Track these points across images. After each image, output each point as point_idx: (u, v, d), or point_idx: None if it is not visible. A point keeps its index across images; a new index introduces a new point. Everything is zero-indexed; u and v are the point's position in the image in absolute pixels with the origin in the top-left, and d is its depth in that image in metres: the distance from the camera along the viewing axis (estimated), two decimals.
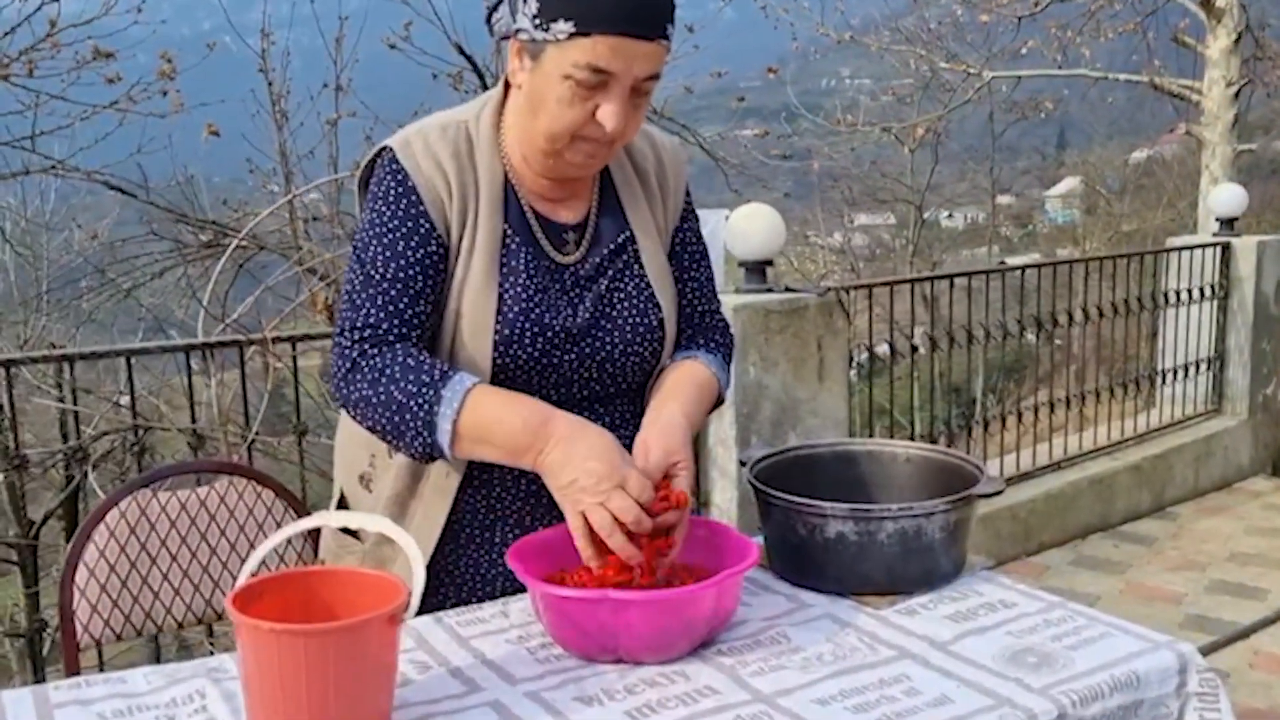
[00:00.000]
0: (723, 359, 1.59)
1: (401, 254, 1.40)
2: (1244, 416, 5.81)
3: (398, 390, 1.34)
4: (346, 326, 1.40)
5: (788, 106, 14.59)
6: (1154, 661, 1.25)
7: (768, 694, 1.20)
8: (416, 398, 1.33)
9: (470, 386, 1.34)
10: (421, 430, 1.34)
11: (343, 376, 1.39)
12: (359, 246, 1.43)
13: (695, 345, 1.59)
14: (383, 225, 1.41)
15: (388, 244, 1.40)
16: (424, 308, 1.42)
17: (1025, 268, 5.05)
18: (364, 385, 1.36)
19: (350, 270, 1.44)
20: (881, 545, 1.42)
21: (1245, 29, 10.31)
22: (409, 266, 1.40)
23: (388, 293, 1.40)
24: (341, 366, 1.39)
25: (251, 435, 2.75)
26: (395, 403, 1.34)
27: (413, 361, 1.35)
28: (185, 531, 1.82)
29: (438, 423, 1.33)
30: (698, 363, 1.54)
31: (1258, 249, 5.75)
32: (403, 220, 1.41)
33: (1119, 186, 20.70)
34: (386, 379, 1.35)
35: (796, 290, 3.59)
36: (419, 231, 1.41)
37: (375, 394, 1.35)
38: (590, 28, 1.30)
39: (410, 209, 1.41)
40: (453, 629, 1.38)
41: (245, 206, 5.21)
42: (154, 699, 1.20)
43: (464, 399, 1.33)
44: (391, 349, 1.37)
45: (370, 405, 1.36)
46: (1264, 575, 4.33)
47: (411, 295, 1.40)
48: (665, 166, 1.56)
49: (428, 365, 1.35)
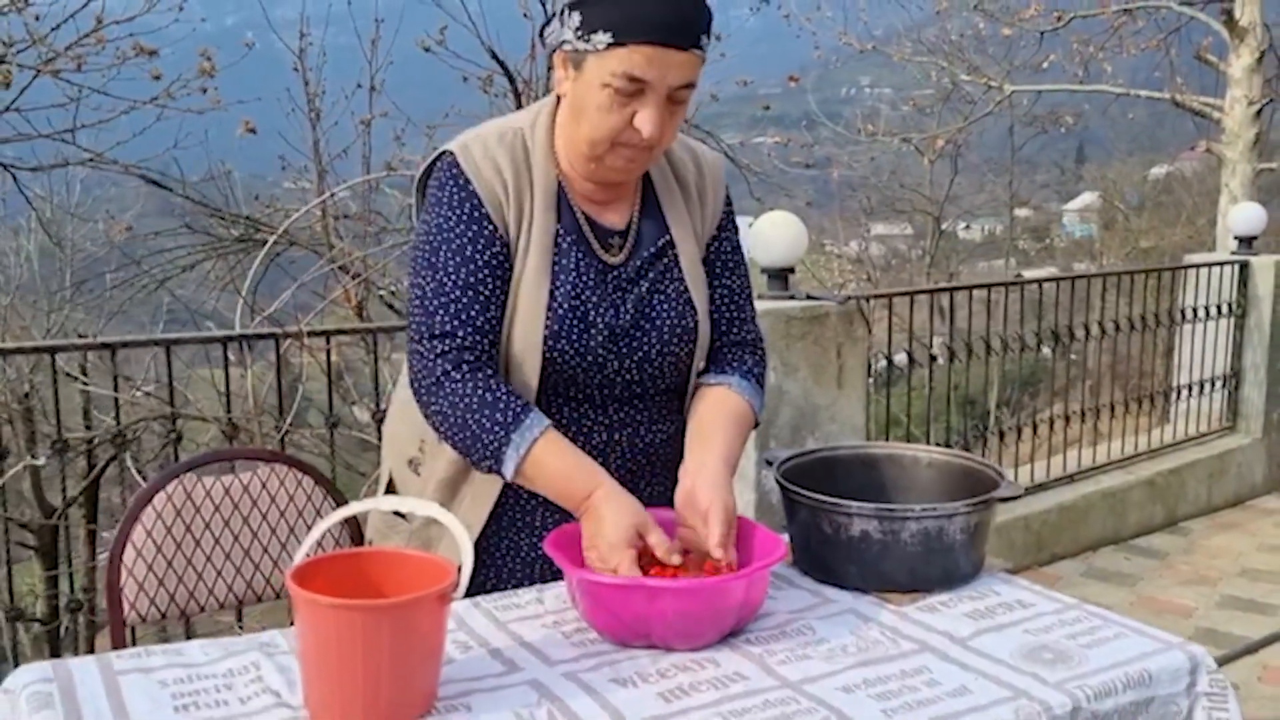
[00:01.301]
0: (756, 383, 1.63)
1: (471, 258, 1.47)
2: (1258, 435, 5.83)
3: (473, 421, 1.43)
4: (425, 334, 1.47)
5: (808, 114, 14.64)
6: (1166, 661, 1.31)
7: (794, 681, 1.25)
8: (489, 433, 1.42)
9: (537, 436, 1.42)
10: (488, 459, 1.44)
11: (426, 389, 1.47)
12: (426, 249, 1.49)
13: (729, 367, 1.62)
14: (450, 229, 1.48)
15: (456, 249, 1.47)
16: (494, 313, 1.49)
17: (1042, 281, 5.09)
18: (445, 405, 1.45)
19: (418, 273, 1.49)
20: (904, 545, 1.48)
21: (1268, 48, 10.31)
22: (478, 270, 1.47)
23: (459, 299, 1.46)
24: (425, 379, 1.47)
25: (286, 425, 2.82)
26: (469, 431, 1.44)
27: (490, 396, 1.44)
28: (228, 516, 1.89)
29: (504, 460, 1.43)
30: (731, 391, 1.59)
31: (1276, 268, 5.77)
32: (468, 224, 1.48)
33: (1138, 202, 20.68)
34: (464, 407, 1.44)
35: (818, 298, 3.64)
36: (484, 234, 1.48)
37: (454, 415, 1.44)
38: (627, 38, 1.37)
39: (474, 212, 1.48)
40: (491, 613, 1.44)
41: (275, 202, 5.29)
42: (211, 669, 1.26)
43: (530, 448, 1.42)
44: (474, 374, 1.45)
45: (448, 423, 1.46)
46: (1275, 592, 4.36)
47: (483, 301, 1.47)
48: (705, 176, 1.62)
49: (504, 403, 1.43)
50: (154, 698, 1.19)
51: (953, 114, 14.14)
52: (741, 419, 1.57)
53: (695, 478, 1.46)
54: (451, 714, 1.17)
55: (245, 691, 1.21)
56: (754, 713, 1.18)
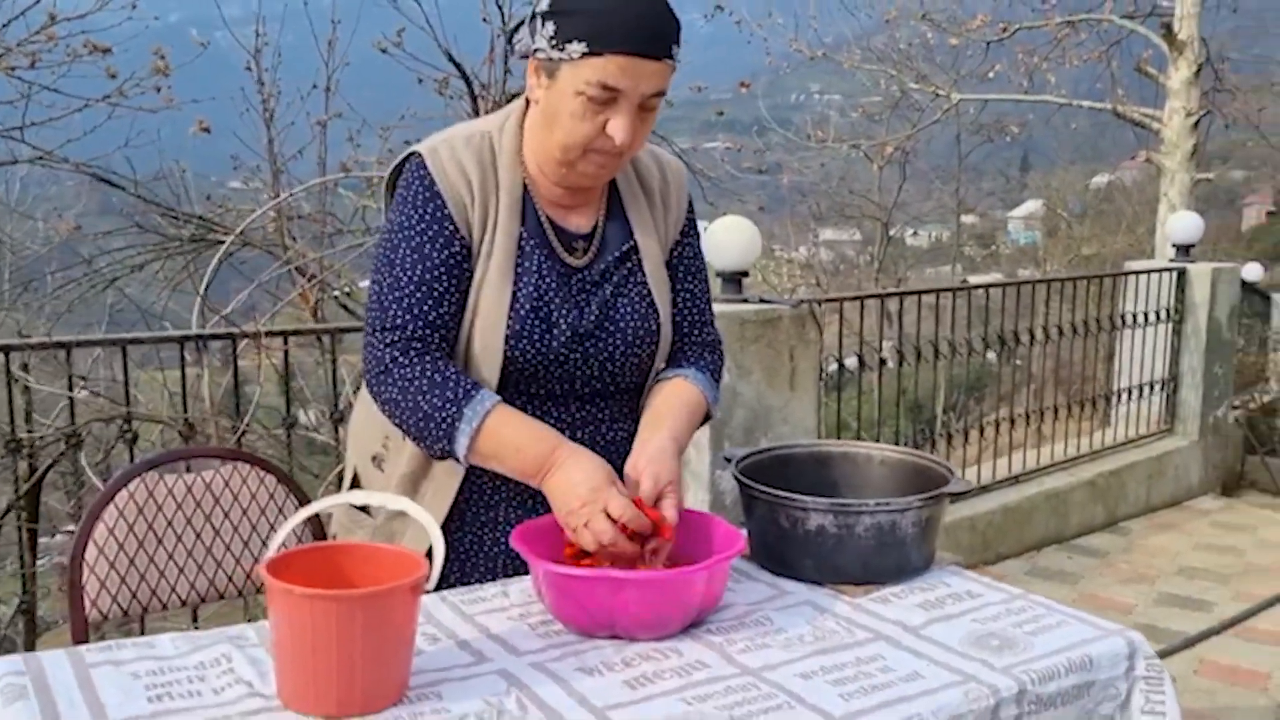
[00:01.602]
0: (711, 377, 1.68)
1: (428, 256, 1.51)
2: (1195, 437, 6.01)
3: (424, 401, 1.46)
4: (378, 327, 1.51)
5: (759, 120, 14.77)
6: (1106, 647, 1.37)
7: (754, 669, 1.30)
8: (441, 411, 1.45)
9: (490, 409, 1.45)
10: (441, 439, 1.46)
11: (375, 376, 1.50)
12: (387, 248, 1.53)
13: (686, 362, 1.68)
14: (410, 228, 1.51)
15: (415, 247, 1.51)
16: (447, 309, 1.52)
17: (989, 287, 5.21)
18: (394, 390, 1.48)
19: (378, 270, 1.53)
20: (858, 538, 1.53)
21: (1205, 61, 10.61)
22: (434, 269, 1.50)
23: (413, 295, 1.50)
24: (375, 367, 1.50)
25: (243, 426, 2.82)
26: (421, 412, 1.46)
27: (439, 377, 1.47)
28: (190, 514, 1.89)
29: (457, 437, 1.45)
30: (687, 382, 1.63)
31: (1212, 275, 5.96)
32: (429, 224, 1.51)
33: (1080, 210, 21.09)
34: (415, 389, 1.46)
35: (771, 301, 3.70)
36: (444, 234, 1.51)
37: (405, 399, 1.47)
38: (602, 48, 1.41)
39: (436, 212, 1.51)
40: (457, 606, 1.47)
41: (227, 202, 5.26)
42: (182, 661, 1.28)
43: (483, 420, 1.45)
44: (421, 359, 1.48)
45: (399, 408, 1.48)
46: (1210, 589, 4.50)
47: (435, 297, 1.51)
48: (669, 183, 1.67)
49: (453, 381, 1.46)
50: (127, 689, 1.21)
51: (901, 121, 14.35)
52: (694, 406, 1.62)
53: (638, 453, 1.50)
54: (423, 702, 1.20)
55: (218, 683, 1.23)
56: (716, 698, 1.22)
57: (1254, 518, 5.77)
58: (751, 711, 1.19)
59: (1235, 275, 6.31)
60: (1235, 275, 6.31)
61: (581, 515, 1.39)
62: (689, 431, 1.60)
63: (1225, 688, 3.56)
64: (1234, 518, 5.73)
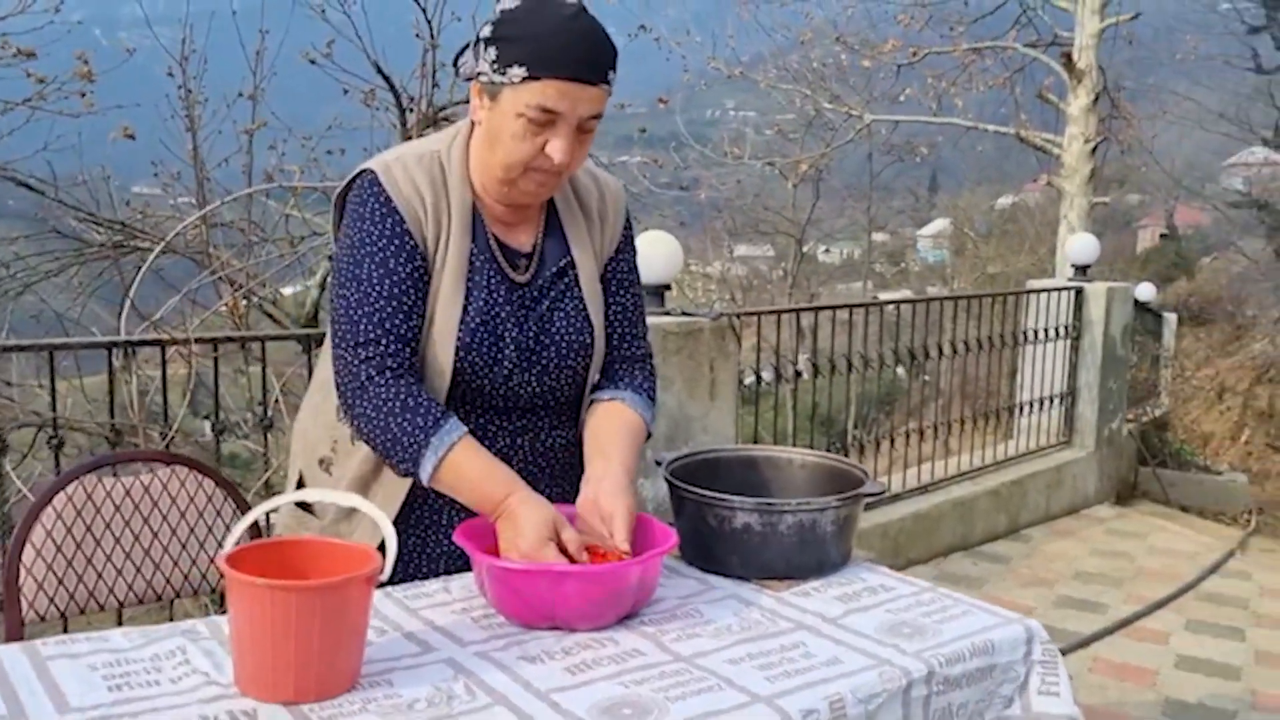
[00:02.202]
0: (647, 397, 1.76)
1: (394, 270, 1.57)
2: (1091, 449, 6.29)
3: (395, 425, 1.53)
4: (350, 342, 1.56)
5: (676, 136, 14.96)
6: (1007, 633, 1.49)
7: (687, 656, 1.39)
8: (409, 436, 1.52)
9: (455, 441, 1.52)
10: (406, 463, 1.54)
11: (351, 392, 1.56)
12: (350, 262, 1.58)
13: (621, 381, 1.76)
14: (373, 244, 1.57)
15: (379, 261, 1.57)
16: (415, 322, 1.59)
17: (899, 303, 5.40)
18: (368, 408, 1.54)
19: (343, 285, 1.58)
20: (781, 536, 1.63)
21: (1103, 90, 11.09)
22: (400, 282, 1.57)
23: (384, 309, 1.56)
24: (350, 383, 1.56)
25: (171, 432, 2.82)
26: (391, 434, 1.53)
27: (412, 401, 1.53)
28: (129, 516, 1.92)
29: (422, 464, 1.53)
30: (625, 406, 1.71)
31: (1107, 295, 6.26)
32: (390, 239, 1.57)
33: (986, 230, 21.76)
34: (387, 411, 1.53)
35: (692, 314, 3.81)
36: (406, 249, 1.58)
37: (378, 418, 1.54)
38: (541, 73, 1.50)
39: (395, 227, 1.57)
40: (402, 602, 1.53)
41: (148, 208, 5.20)
42: (137, 654, 1.32)
43: (448, 451, 1.52)
44: (397, 381, 1.54)
45: (370, 425, 1.55)
46: (1104, 592, 4.73)
47: (405, 310, 1.57)
48: (607, 200, 1.76)
49: (424, 408, 1.53)
50: (86, 680, 1.25)
51: (815, 140, 14.68)
52: (636, 432, 1.70)
53: (598, 486, 1.58)
54: (375, 689, 1.27)
55: (174, 673, 1.28)
56: (652, 682, 1.31)
57: (1145, 525, 6.07)
58: (685, 693, 1.28)
59: (1129, 295, 6.63)
60: (1129, 295, 6.63)
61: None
62: (637, 458, 1.68)
63: (1116, 684, 3.77)
64: (1127, 525, 6.02)
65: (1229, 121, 15.44)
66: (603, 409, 1.71)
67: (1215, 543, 5.85)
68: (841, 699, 1.29)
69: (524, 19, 1.51)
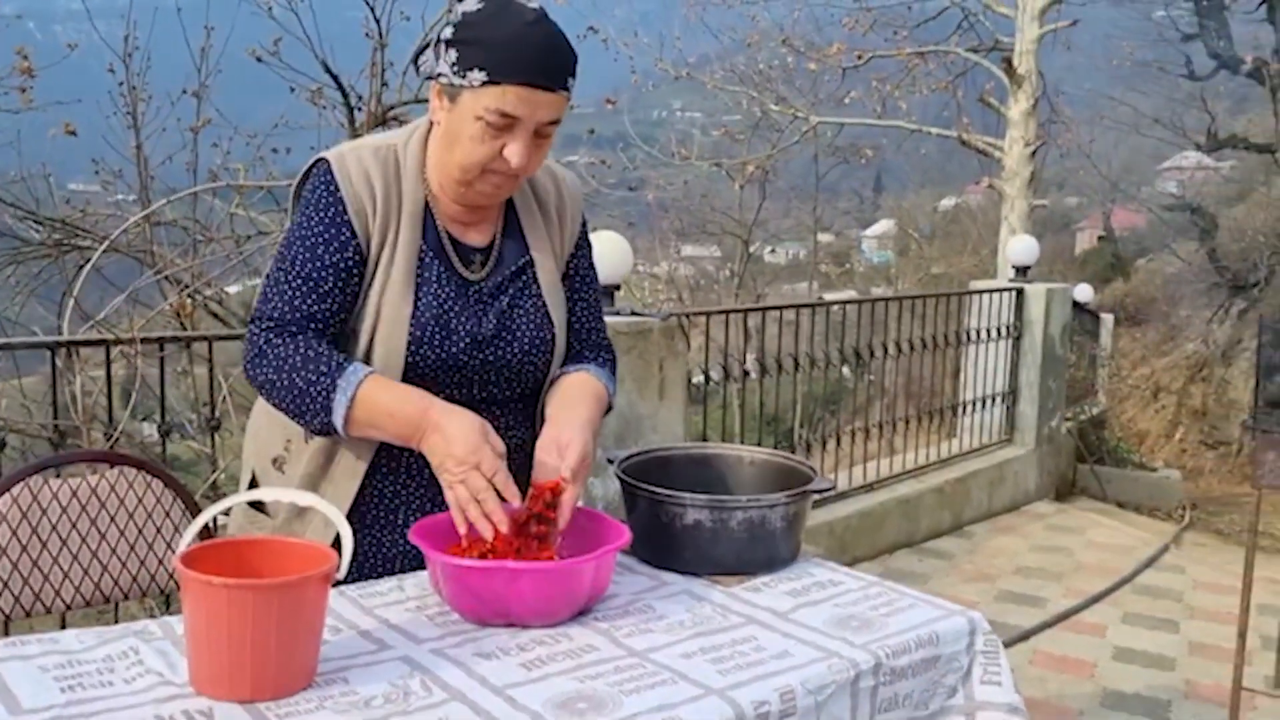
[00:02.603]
0: (610, 372, 1.80)
1: (319, 256, 1.58)
2: (1032, 446, 6.42)
3: (299, 378, 1.53)
4: (257, 315, 1.59)
5: (623, 136, 14.99)
6: (950, 625, 1.54)
7: (640, 650, 1.41)
8: (315, 385, 1.52)
9: (363, 378, 1.53)
10: (319, 413, 1.53)
11: (251, 360, 1.57)
12: (283, 246, 1.60)
13: (585, 359, 1.79)
14: (307, 229, 1.59)
15: (308, 246, 1.58)
16: (329, 306, 1.59)
17: (844, 304, 5.47)
18: (270, 370, 1.55)
19: (271, 269, 1.61)
20: (732, 532, 1.66)
21: (1042, 94, 11.31)
22: (323, 269, 1.58)
23: (299, 289, 1.57)
24: (250, 352, 1.57)
25: (116, 433, 2.79)
26: (297, 388, 1.53)
27: (312, 352, 1.54)
28: (75, 518, 1.90)
29: (333, 408, 1.52)
30: (589, 375, 1.74)
31: (1046, 295, 6.39)
32: (327, 227, 1.58)
33: (929, 231, 22.06)
34: (289, 367, 1.53)
35: (642, 314, 3.84)
36: (339, 238, 1.59)
37: (280, 378, 1.54)
38: (500, 78, 1.51)
39: (336, 217, 1.59)
40: (356, 600, 1.54)
41: (89, 206, 5.12)
42: (89, 655, 1.32)
43: (357, 389, 1.52)
44: (294, 339, 1.55)
45: (275, 388, 1.55)
46: (1044, 586, 4.84)
47: (319, 294, 1.58)
48: (565, 200, 1.77)
49: (325, 355, 1.54)
50: (38, 681, 1.24)
51: (761, 141, 14.78)
52: (599, 395, 1.72)
53: (559, 424, 1.59)
54: (331, 686, 1.27)
55: (128, 674, 1.28)
56: (606, 676, 1.33)
57: (1084, 521, 6.21)
58: (639, 687, 1.30)
59: (1067, 296, 6.77)
60: (1067, 296, 6.77)
61: (457, 473, 1.46)
62: (600, 418, 1.70)
63: (1055, 676, 3.86)
64: (1066, 521, 6.15)
65: (1163, 126, 15.80)
66: (565, 379, 1.73)
67: (1150, 537, 6.00)
68: (792, 690, 1.32)
69: (484, 23, 1.52)
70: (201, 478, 3.45)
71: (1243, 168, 17.02)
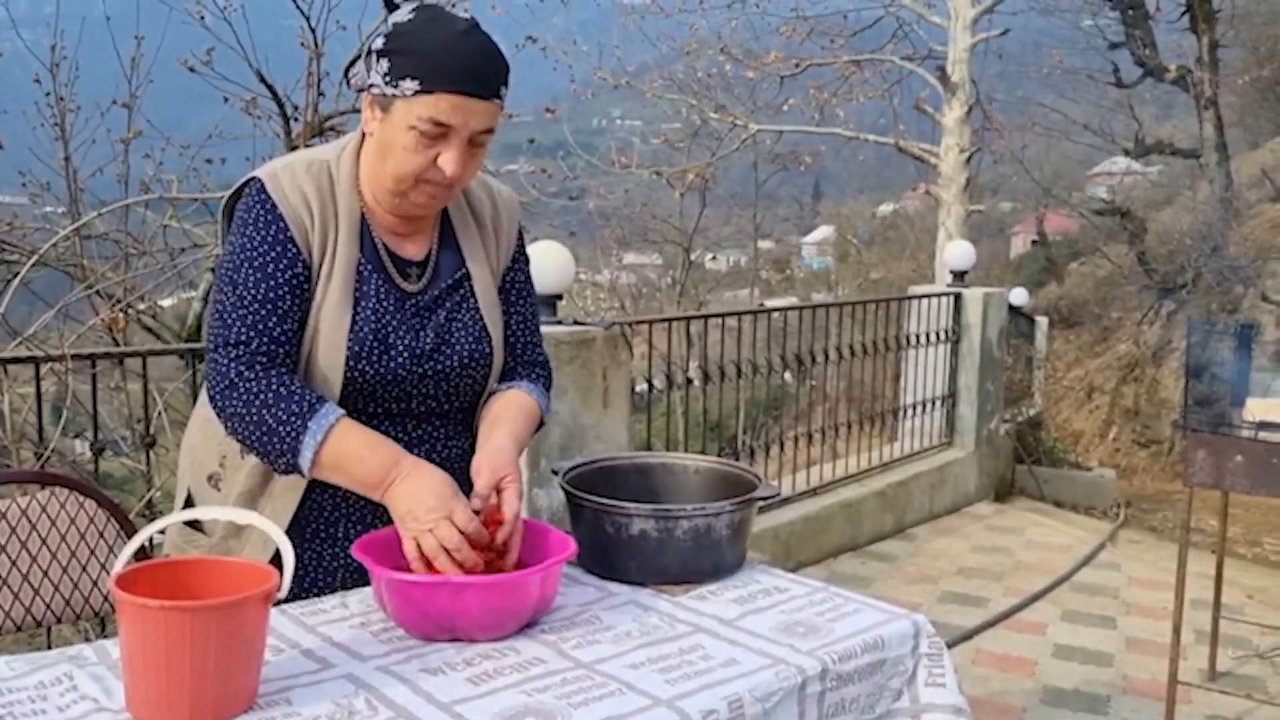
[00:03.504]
0: (543, 387, 1.80)
1: (271, 275, 1.55)
2: (971, 449, 6.51)
3: (269, 415, 1.50)
4: (220, 343, 1.54)
5: (563, 145, 14.98)
6: (895, 629, 1.55)
7: (587, 662, 1.40)
8: (285, 425, 1.50)
9: (334, 421, 1.51)
10: (286, 453, 1.51)
11: (220, 392, 1.53)
12: (229, 268, 1.56)
13: (518, 376, 1.78)
14: (253, 250, 1.56)
15: (258, 266, 1.55)
16: (290, 325, 1.57)
17: (785, 310, 5.51)
18: (239, 404, 1.51)
19: (220, 291, 1.57)
20: (678, 541, 1.66)
21: (976, 102, 11.50)
22: (278, 287, 1.55)
23: (258, 312, 1.54)
24: (219, 383, 1.53)
25: (48, 452, 2.71)
26: (266, 426, 1.50)
27: (284, 390, 1.51)
28: (4, 540, 1.85)
29: (301, 450, 1.50)
30: (520, 391, 1.74)
31: (983, 299, 6.49)
32: (271, 245, 1.56)
33: (868, 237, 22.33)
34: (260, 403, 1.50)
35: (585, 323, 3.83)
36: (286, 255, 1.56)
37: (249, 413, 1.51)
38: (433, 86, 1.50)
39: (279, 235, 1.56)
40: (298, 618, 1.51)
41: (16, 219, 4.99)
42: (21, 682, 1.28)
43: (327, 433, 1.50)
44: (267, 374, 1.52)
45: (243, 422, 1.52)
46: (985, 587, 4.91)
47: (280, 314, 1.55)
48: (500, 212, 1.77)
49: (298, 395, 1.51)
50: None
51: (701, 149, 14.86)
52: (529, 411, 1.72)
53: (481, 451, 1.60)
54: (273, 708, 1.25)
55: (61, 701, 1.24)
56: (554, 689, 1.32)
57: (1022, 520, 6.31)
58: (588, 699, 1.29)
59: (1003, 299, 6.88)
60: (1003, 299, 6.88)
61: (427, 522, 1.46)
62: (527, 432, 1.70)
63: (998, 674, 3.91)
64: (1005, 521, 6.24)
65: (1092, 133, 16.15)
66: (498, 396, 1.73)
67: (1087, 536, 6.11)
68: (740, 699, 1.33)
69: (417, 32, 1.51)
70: (136, 496, 3.38)
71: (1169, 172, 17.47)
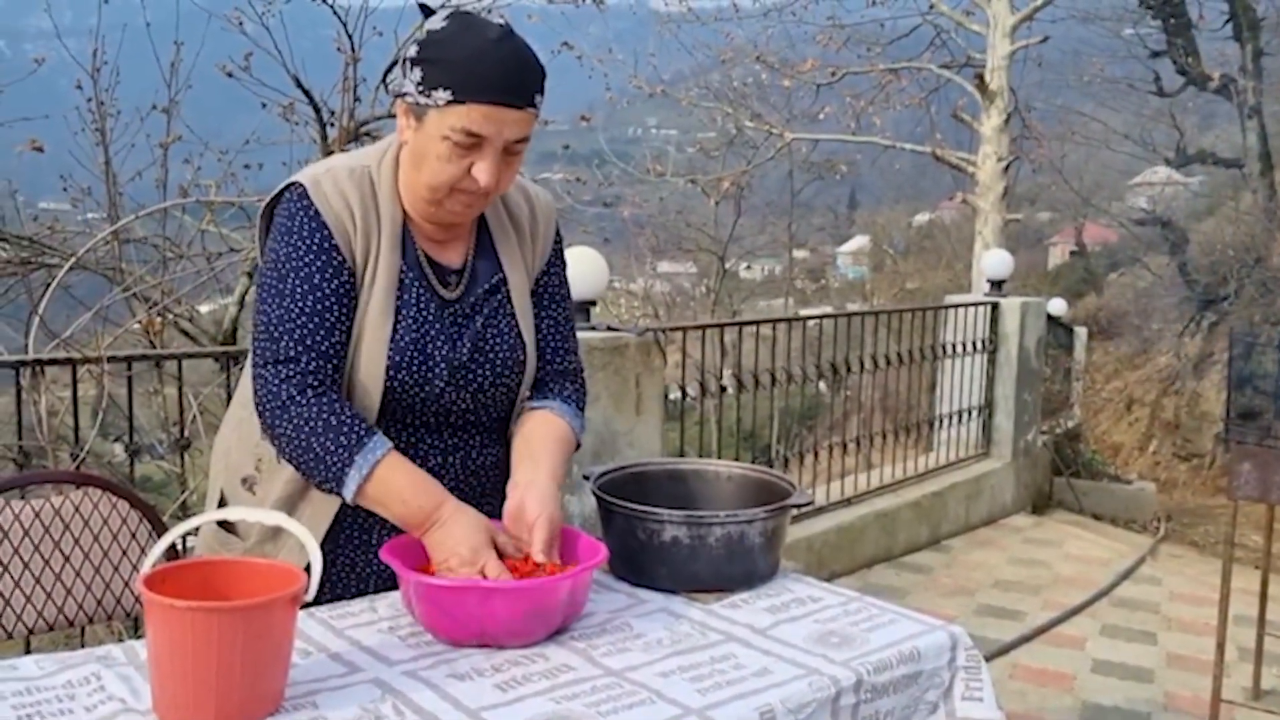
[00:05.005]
0: (576, 407, 1.76)
1: (318, 286, 1.54)
2: (1008, 459, 6.43)
3: (318, 444, 1.49)
4: (270, 359, 1.52)
5: (598, 153, 15.01)
6: (932, 640, 1.52)
7: (618, 670, 1.38)
8: (333, 455, 1.49)
9: (380, 458, 1.50)
10: (330, 481, 1.51)
11: (271, 412, 1.52)
12: (274, 277, 1.55)
13: (551, 392, 1.75)
14: (298, 259, 1.54)
15: (304, 277, 1.53)
16: (338, 338, 1.55)
17: (820, 319, 5.47)
18: (289, 427, 1.51)
19: (265, 300, 1.55)
20: (710, 548, 1.64)
21: (1014, 110, 11.40)
22: (325, 298, 1.54)
23: (305, 325, 1.53)
24: (270, 402, 1.52)
25: (83, 454, 2.73)
26: (313, 453, 1.50)
27: (335, 420, 1.50)
28: (39, 540, 1.85)
29: (346, 482, 1.50)
30: (554, 415, 1.70)
31: (1021, 309, 6.41)
32: (318, 254, 1.54)
33: (903, 246, 22.20)
34: (309, 430, 1.50)
35: (618, 330, 3.82)
36: (332, 264, 1.55)
37: (299, 438, 1.50)
38: (466, 97, 1.48)
39: (324, 242, 1.54)
40: (327, 622, 1.50)
41: (57, 224, 5.06)
42: (49, 682, 1.28)
43: (373, 468, 1.49)
44: (319, 398, 1.51)
45: (292, 445, 1.51)
46: (1023, 600, 4.83)
47: (328, 327, 1.54)
48: (538, 217, 1.74)
49: (348, 426, 1.50)
50: None
51: (736, 158, 14.83)
52: (565, 441, 1.69)
53: (525, 492, 1.56)
54: (300, 711, 1.24)
55: (89, 701, 1.24)
56: (583, 697, 1.30)
57: (1060, 533, 6.22)
58: (617, 707, 1.27)
59: (1042, 309, 6.80)
60: (1042, 309, 6.80)
61: (459, 573, 1.46)
62: (565, 467, 1.67)
63: (1036, 689, 3.85)
64: (1043, 534, 6.16)
65: (1133, 142, 15.99)
66: (532, 416, 1.70)
67: (1127, 549, 6.01)
68: (772, 709, 1.30)
69: (449, 41, 1.49)
70: (172, 498, 3.40)
71: (1211, 182, 17.24)
